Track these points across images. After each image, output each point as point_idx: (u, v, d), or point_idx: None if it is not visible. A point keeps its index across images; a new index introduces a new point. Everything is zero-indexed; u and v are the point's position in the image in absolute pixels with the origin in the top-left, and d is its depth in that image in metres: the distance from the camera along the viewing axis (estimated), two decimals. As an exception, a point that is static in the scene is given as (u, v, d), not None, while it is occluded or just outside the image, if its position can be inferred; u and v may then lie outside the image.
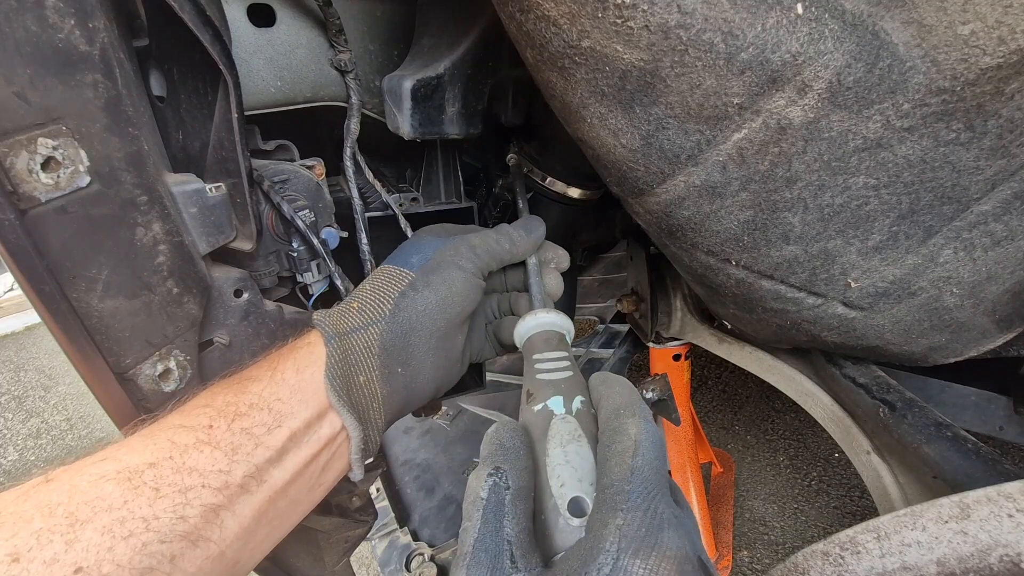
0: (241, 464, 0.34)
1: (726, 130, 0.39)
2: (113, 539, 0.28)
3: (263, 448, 0.36)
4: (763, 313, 0.55)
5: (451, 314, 0.46)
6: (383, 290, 0.45)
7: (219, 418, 0.35)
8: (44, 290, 0.33)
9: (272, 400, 0.37)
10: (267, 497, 0.36)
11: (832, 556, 0.40)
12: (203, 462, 0.33)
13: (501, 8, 0.41)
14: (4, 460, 2.44)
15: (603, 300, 1.61)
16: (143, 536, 0.29)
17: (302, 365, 0.40)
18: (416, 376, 0.45)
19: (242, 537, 0.34)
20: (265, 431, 0.36)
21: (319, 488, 0.41)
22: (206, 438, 0.34)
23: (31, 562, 0.26)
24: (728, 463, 1.79)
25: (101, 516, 0.28)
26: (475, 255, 0.49)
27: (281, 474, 0.37)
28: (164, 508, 0.30)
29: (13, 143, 0.30)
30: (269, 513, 0.36)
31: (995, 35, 0.32)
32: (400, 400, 0.45)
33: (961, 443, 0.50)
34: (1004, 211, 0.42)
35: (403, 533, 1.19)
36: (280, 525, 0.38)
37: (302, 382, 0.39)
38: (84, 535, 0.27)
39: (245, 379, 0.39)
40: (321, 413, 0.39)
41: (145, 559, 0.29)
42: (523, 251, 0.53)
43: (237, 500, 0.34)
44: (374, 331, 0.43)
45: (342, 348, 0.41)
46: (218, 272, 0.45)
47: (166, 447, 0.33)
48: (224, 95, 0.41)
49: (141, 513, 0.29)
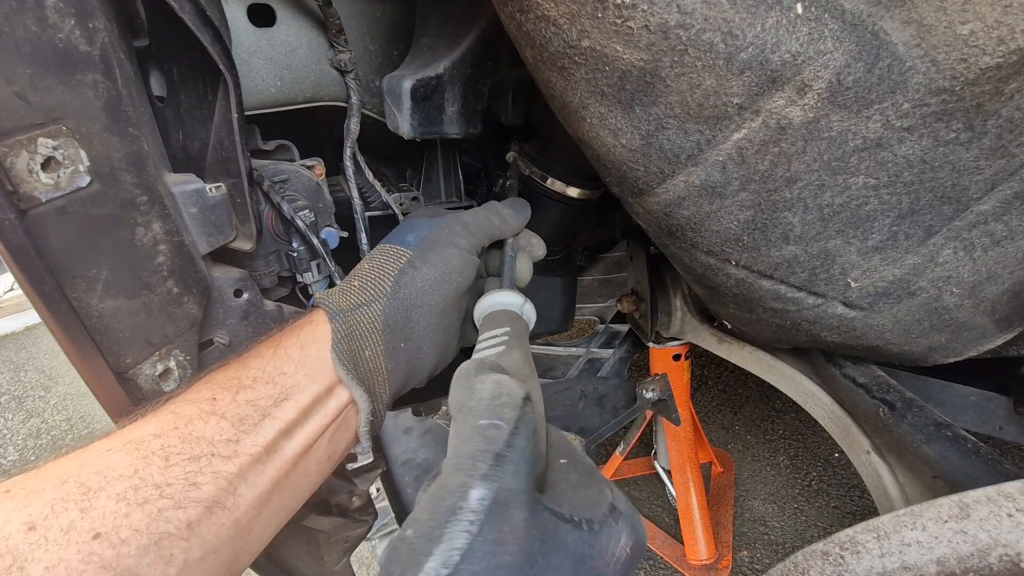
0: (249, 434, 0.35)
1: (726, 130, 0.39)
2: (128, 505, 0.28)
3: (271, 419, 0.36)
4: (763, 313, 0.55)
5: (448, 290, 0.46)
6: (383, 268, 0.45)
7: (222, 391, 0.36)
8: (44, 290, 0.33)
9: (276, 374, 0.38)
10: (280, 468, 0.36)
11: (832, 556, 0.40)
12: (209, 431, 0.33)
13: (501, 8, 0.41)
14: (4, 460, 2.44)
15: (603, 300, 1.61)
16: (158, 503, 0.29)
17: (306, 342, 0.40)
18: (417, 352, 0.46)
19: (256, 506, 0.35)
20: (271, 403, 0.37)
21: (328, 461, 0.42)
22: (210, 409, 0.34)
23: (48, 530, 0.26)
24: (728, 463, 1.79)
25: (113, 484, 0.29)
26: (469, 232, 0.49)
27: (292, 446, 0.37)
28: (176, 475, 0.30)
29: (13, 143, 0.30)
30: (282, 484, 0.37)
31: (995, 35, 0.32)
32: (403, 375, 0.46)
33: (961, 443, 0.50)
34: (1004, 211, 0.42)
35: (403, 533, 1.19)
36: (293, 496, 0.39)
37: (307, 358, 0.40)
38: (99, 503, 0.28)
39: (247, 357, 0.39)
40: (329, 387, 0.40)
41: (162, 524, 0.29)
42: (512, 228, 0.54)
43: (250, 470, 0.34)
44: (376, 307, 0.43)
45: (347, 324, 0.42)
46: (218, 272, 0.45)
47: (170, 419, 0.33)
48: (224, 95, 0.41)
49: (153, 480, 0.30)
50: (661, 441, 1.47)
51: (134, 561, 0.27)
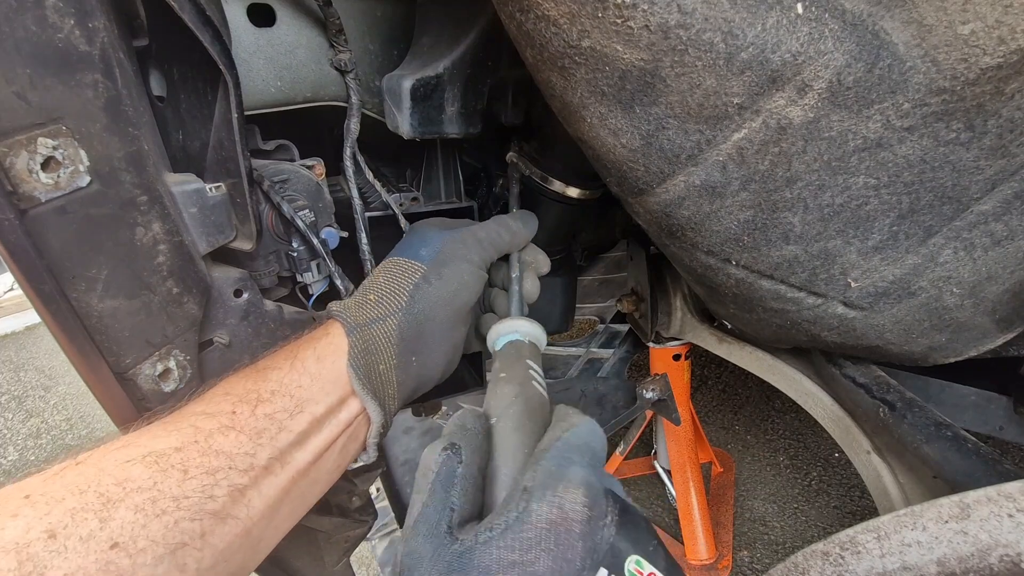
0: (266, 447, 0.35)
1: (726, 130, 0.39)
2: (146, 517, 0.29)
3: (286, 432, 0.37)
4: (763, 313, 0.55)
5: (459, 305, 0.47)
6: (398, 282, 0.46)
7: (241, 404, 0.36)
8: (44, 290, 0.33)
9: (293, 387, 0.39)
10: (291, 478, 0.37)
11: (832, 556, 0.40)
12: (228, 445, 0.34)
13: (501, 8, 0.41)
14: (4, 460, 2.44)
15: (603, 300, 1.61)
16: (175, 514, 0.30)
17: (322, 354, 0.41)
18: (426, 364, 0.47)
19: (267, 516, 0.35)
20: (287, 416, 0.37)
21: (337, 469, 0.43)
22: (230, 423, 0.35)
23: (68, 539, 0.26)
24: (728, 463, 1.79)
25: (132, 496, 0.29)
26: (482, 248, 0.50)
27: (304, 456, 0.38)
28: (193, 488, 0.31)
29: (13, 143, 0.30)
30: (292, 493, 0.38)
31: (995, 35, 0.32)
32: (412, 386, 0.47)
33: (961, 443, 0.50)
34: (1004, 211, 0.42)
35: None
36: (301, 504, 0.40)
37: (323, 370, 0.40)
38: (118, 513, 0.28)
39: (264, 368, 0.40)
40: (342, 399, 0.41)
41: (177, 535, 0.30)
42: (520, 242, 0.55)
43: (262, 481, 0.35)
44: (392, 322, 0.44)
45: (363, 338, 0.43)
46: (218, 272, 0.45)
47: (190, 432, 0.34)
48: (224, 95, 0.41)
49: (171, 493, 0.30)
50: (661, 441, 1.47)
51: (150, 571, 0.28)
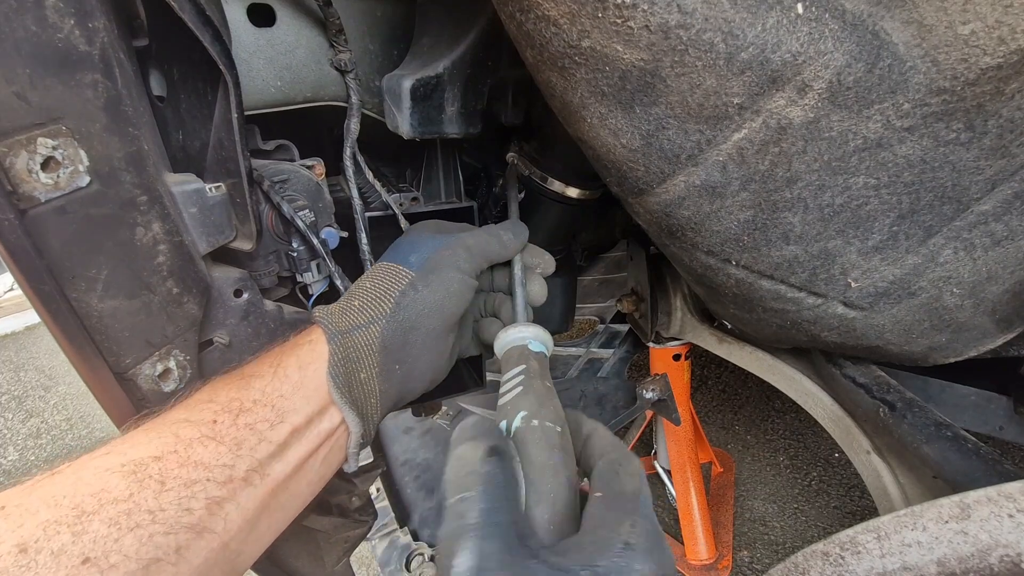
0: (245, 459, 0.35)
1: (726, 130, 0.39)
2: (120, 531, 0.28)
3: (266, 443, 0.36)
4: (763, 313, 0.55)
5: (447, 314, 0.46)
6: (383, 288, 0.45)
7: (223, 413, 0.36)
8: (44, 290, 0.33)
9: (275, 396, 0.38)
10: (269, 490, 0.36)
11: (832, 556, 0.40)
12: (208, 456, 0.33)
13: (501, 8, 0.41)
14: (4, 460, 2.44)
15: (603, 300, 1.61)
16: (149, 528, 0.29)
17: (304, 362, 0.40)
18: (411, 373, 0.46)
19: (245, 529, 0.35)
20: (268, 427, 0.37)
21: (318, 480, 0.42)
22: (210, 433, 0.34)
23: (38, 553, 0.26)
24: (728, 463, 1.79)
25: (107, 508, 0.29)
26: (471, 256, 0.49)
27: (283, 467, 0.37)
28: (169, 501, 0.31)
29: (13, 143, 0.30)
30: (271, 505, 0.37)
31: (995, 35, 0.32)
32: (395, 395, 0.46)
33: (961, 443, 0.50)
34: (1004, 211, 0.42)
35: (403, 533, 1.19)
36: (281, 517, 0.39)
37: (304, 379, 0.40)
38: (91, 527, 0.28)
39: (247, 375, 0.39)
40: (322, 409, 0.40)
41: (151, 550, 0.29)
42: (510, 252, 0.54)
43: (240, 493, 0.34)
44: (375, 329, 0.43)
45: (344, 345, 0.42)
46: (218, 272, 0.45)
47: (171, 441, 0.33)
48: (224, 95, 0.41)
49: (147, 506, 0.30)
50: (661, 441, 1.47)
51: None
